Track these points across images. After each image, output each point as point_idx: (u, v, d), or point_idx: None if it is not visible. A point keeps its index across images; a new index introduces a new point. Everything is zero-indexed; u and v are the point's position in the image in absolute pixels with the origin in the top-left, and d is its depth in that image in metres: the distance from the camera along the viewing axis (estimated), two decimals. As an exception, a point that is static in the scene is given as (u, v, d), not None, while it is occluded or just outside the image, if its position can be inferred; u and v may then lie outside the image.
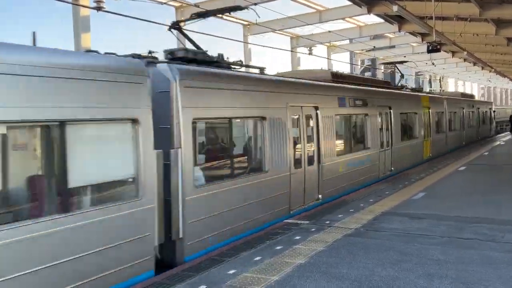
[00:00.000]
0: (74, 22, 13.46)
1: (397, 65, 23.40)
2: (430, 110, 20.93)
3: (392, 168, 16.09)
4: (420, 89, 23.79)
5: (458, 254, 7.03)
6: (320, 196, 11.45)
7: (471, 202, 10.97)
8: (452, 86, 57.13)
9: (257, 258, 7.02)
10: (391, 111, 16.19)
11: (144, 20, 11.12)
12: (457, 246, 7.46)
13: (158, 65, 7.48)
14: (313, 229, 8.71)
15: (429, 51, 18.72)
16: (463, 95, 32.34)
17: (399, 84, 21.50)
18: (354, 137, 14.30)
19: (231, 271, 6.48)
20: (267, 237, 8.25)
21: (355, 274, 6.27)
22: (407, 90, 21.25)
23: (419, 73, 49.57)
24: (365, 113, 14.36)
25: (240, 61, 9.89)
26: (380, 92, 16.15)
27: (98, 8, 12.35)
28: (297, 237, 8.16)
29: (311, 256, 7.06)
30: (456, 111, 26.40)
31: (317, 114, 11.45)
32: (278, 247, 7.57)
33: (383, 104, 15.69)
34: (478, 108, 32.88)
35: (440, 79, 49.73)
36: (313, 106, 11.34)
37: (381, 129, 15.38)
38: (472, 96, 36.96)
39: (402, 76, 23.33)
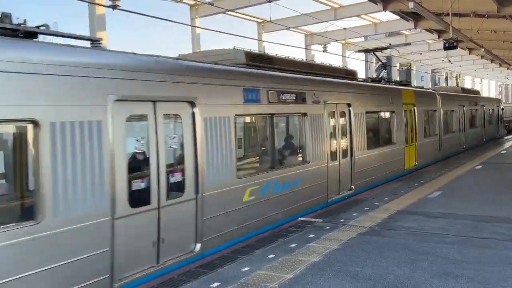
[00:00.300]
0: (90, 21, 13.59)
1: (377, 53, 19.44)
2: (415, 108, 16.87)
3: (353, 186, 12.13)
4: (405, 82, 19.13)
5: (475, 253, 6.92)
6: (198, 245, 7.17)
7: (489, 201, 10.79)
8: (469, 83, 56.40)
9: (271, 256, 7.00)
10: (351, 109, 12.08)
11: (159, 18, 11.17)
12: (474, 245, 7.35)
13: None
14: (327, 227, 8.67)
15: (445, 48, 18.48)
16: (465, 90, 28.04)
17: (380, 76, 17.49)
18: (279, 147, 10.02)
19: (245, 269, 6.48)
20: (280, 235, 8.24)
21: (370, 273, 6.21)
22: (392, 83, 17.54)
23: (435, 71, 49.02)
24: (302, 112, 10.13)
25: (45, 25, 5.98)
26: (331, 83, 11.65)
27: (114, 7, 12.44)
28: (311, 235, 8.12)
29: (325, 254, 7.02)
30: (454, 109, 22.23)
31: (193, 114, 7.21)
32: (292, 245, 7.55)
33: (336, 100, 11.51)
34: (483, 106, 28.58)
35: (456, 77, 49.16)
36: (185, 102, 7.17)
37: (333, 134, 11.38)
38: (476, 91, 32.08)
39: (383, 66, 18.76)
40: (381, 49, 18.69)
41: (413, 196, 11.64)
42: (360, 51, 21.85)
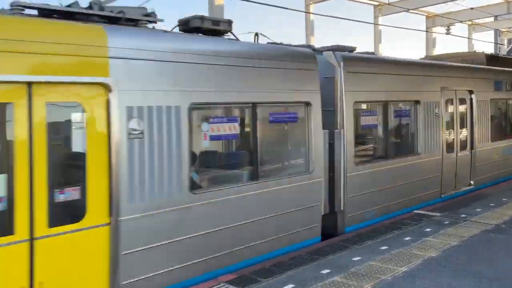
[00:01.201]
0: (209, 10, 14.16)
1: None
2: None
3: None
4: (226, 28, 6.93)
5: None
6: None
7: None
8: None
9: (383, 248, 6.79)
10: None
11: (274, 6, 11.23)
12: None
13: None
14: (446, 222, 8.15)
15: None
16: (498, 59, 13.43)
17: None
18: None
19: (356, 258, 6.36)
20: (394, 227, 7.94)
21: (495, 273, 5.73)
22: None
23: None
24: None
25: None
26: None
27: (231, -4, 12.78)
28: (428, 229, 7.71)
29: (444, 250, 6.62)
30: (430, 100, 9.80)
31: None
32: (407, 238, 7.24)
33: None
34: None
35: None
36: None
37: None
38: None
39: None
40: None
41: (549, 193, 10.44)
42: None
